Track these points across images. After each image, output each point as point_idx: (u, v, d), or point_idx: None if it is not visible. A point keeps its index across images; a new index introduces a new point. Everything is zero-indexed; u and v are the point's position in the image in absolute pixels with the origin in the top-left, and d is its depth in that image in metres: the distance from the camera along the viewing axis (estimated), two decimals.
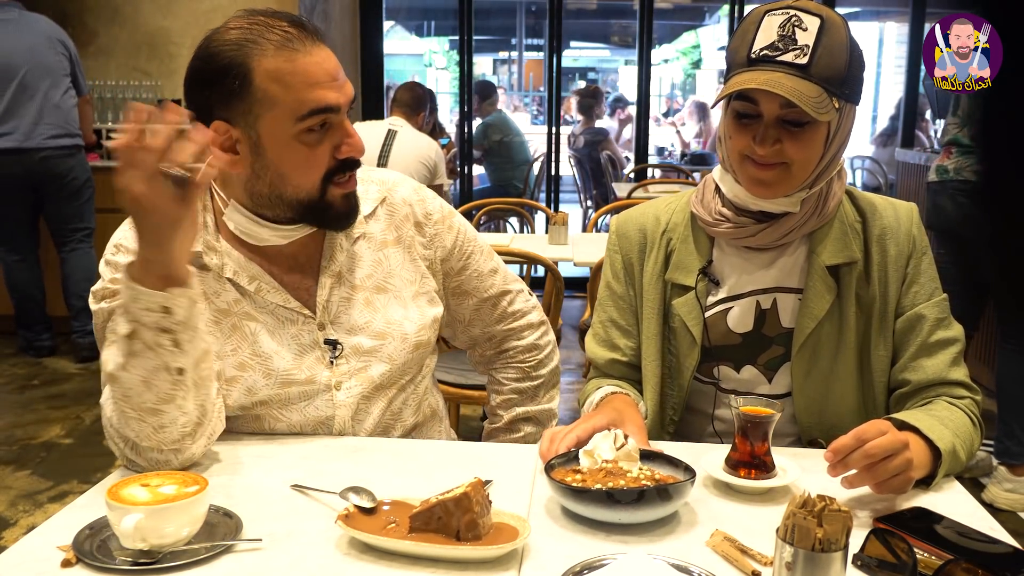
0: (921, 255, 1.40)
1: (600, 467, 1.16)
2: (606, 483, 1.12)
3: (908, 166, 5.09)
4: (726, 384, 1.45)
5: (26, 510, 2.96)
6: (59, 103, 4.37)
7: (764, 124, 1.30)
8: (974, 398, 1.36)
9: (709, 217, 1.42)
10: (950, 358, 1.37)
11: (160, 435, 1.19)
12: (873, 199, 1.45)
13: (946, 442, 1.21)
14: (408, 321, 1.43)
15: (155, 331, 1.14)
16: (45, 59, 4.32)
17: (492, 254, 1.59)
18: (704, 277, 1.43)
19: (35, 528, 1.10)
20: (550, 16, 6.28)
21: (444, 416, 1.60)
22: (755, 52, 1.29)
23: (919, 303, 1.38)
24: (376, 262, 1.43)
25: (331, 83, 1.27)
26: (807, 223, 1.38)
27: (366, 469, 1.27)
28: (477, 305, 1.56)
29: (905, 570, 0.94)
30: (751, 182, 1.35)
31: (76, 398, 4.06)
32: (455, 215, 1.54)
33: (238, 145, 1.27)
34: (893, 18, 10.81)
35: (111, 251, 1.34)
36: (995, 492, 3.03)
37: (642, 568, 0.96)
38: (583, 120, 7.71)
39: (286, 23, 1.26)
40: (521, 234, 4.97)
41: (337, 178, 1.31)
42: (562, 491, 1.12)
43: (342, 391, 1.38)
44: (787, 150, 1.30)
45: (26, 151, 4.29)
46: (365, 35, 6.19)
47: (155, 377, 1.16)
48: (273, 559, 1.01)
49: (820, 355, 1.39)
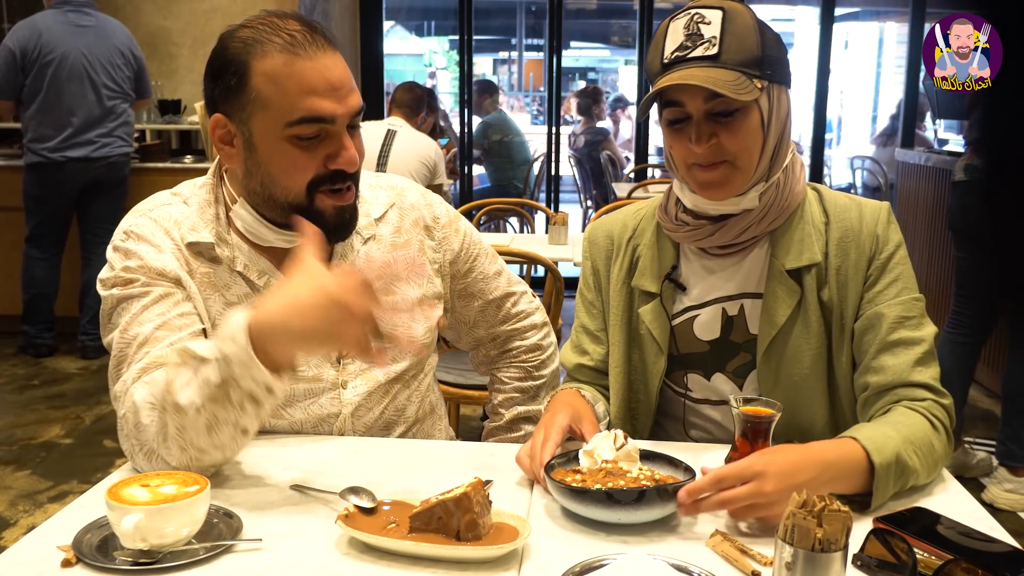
0: (888, 256, 1.34)
1: (600, 467, 1.16)
2: (606, 483, 1.12)
3: (908, 166, 5.09)
4: (698, 393, 1.43)
5: (26, 510, 2.97)
6: (124, 114, 4.50)
7: (695, 123, 1.29)
8: (939, 400, 1.27)
9: (671, 223, 1.41)
10: (913, 358, 1.29)
11: (196, 464, 1.17)
12: (840, 199, 1.40)
13: (886, 454, 1.14)
14: (414, 323, 1.45)
15: (247, 396, 1.11)
16: (118, 69, 4.42)
17: (496, 256, 1.60)
18: (670, 283, 1.42)
19: (35, 528, 1.10)
20: (550, 16, 6.28)
21: (444, 414, 1.61)
22: (667, 58, 1.29)
23: (880, 303, 1.32)
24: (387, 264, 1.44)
25: (330, 92, 1.25)
26: (765, 218, 1.35)
27: (366, 469, 1.27)
28: (482, 307, 1.58)
29: (905, 570, 0.94)
30: (702, 188, 1.33)
31: (76, 398, 4.06)
32: (461, 219, 1.56)
33: (234, 139, 1.29)
34: (893, 18, 10.80)
35: (120, 237, 1.34)
36: (995, 492, 3.03)
37: (642, 568, 0.96)
38: (583, 120, 7.71)
39: (297, 26, 1.26)
40: (521, 234, 4.97)
41: (326, 187, 1.29)
42: (562, 491, 1.11)
43: (348, 389, 1.39)
44: (724, 144, 1.29)
45: (95, 160, 4.39)
46: (365, 35, 6.19)
47: (220, 428, 1.13)
48: (273, 559, 1.01)
49: (786, 361, 1.35)
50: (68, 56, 4.28)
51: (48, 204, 4.43)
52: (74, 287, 4.64)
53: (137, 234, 1.33)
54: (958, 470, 3.17)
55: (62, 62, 4.27)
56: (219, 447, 1.16)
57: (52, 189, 4.39)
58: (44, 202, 4.42)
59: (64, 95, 4.29)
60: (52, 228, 4.51)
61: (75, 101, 4.31)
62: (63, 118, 4.30)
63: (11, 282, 4.66)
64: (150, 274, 1.29)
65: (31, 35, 4.26)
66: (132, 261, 1.30)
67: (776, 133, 1.33)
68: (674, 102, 1.30)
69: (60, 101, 4.29)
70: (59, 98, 4.29)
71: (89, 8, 4.39)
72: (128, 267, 1.29)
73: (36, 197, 4.42)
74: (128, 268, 1.29)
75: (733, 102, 1.26)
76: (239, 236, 1.36)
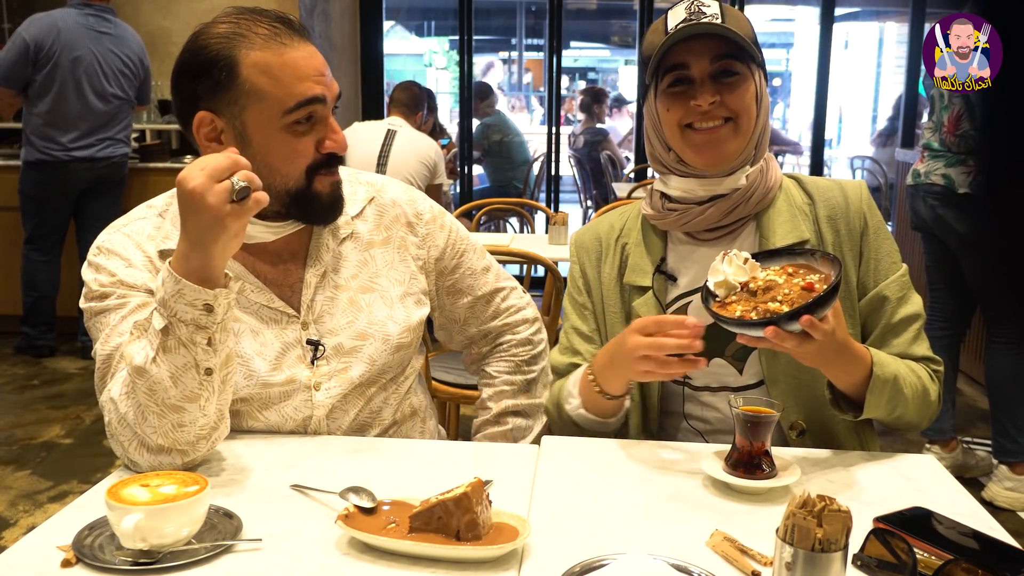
0: (874, 232, 1.41)
1: (741, 292, 1.20)
2: (767, 304, 1.16)
3: (908, 166, 5.07)
4: (697, 380, 1.45)
5: (26, 510, 2.97)
6: (127, 118, 4.52)
7: (699, 82, 1.35)
8: (933, 366, 1.40)
9: (658, 213, 1.45)
10: (912, 335, 1.40)
11: (177, 433, 1.19)
12: (819, 181, 1.47)
13: (887, 372, 1.28)
14: (392, 322, 1.43)
15: (192, 328, 1.15)
16: (128, 79, 4.45)
17: (484, 252, 1.59)
18: (660, 275, 1.45)
19: (35, 528, 1.10)
20: (550, 16, 6.28)
21: (428, 416, 1.59)
22: (671, 28, 1.35)
23: (880, 281, 1.40)
24: (362, 262, 1.44)
25: (318, 77, 1.30)
26: (752, 198, 1.39)
27: (366, 469, 1.27)
28: (471, 303, 1.57)
29: (905, 570, 0.94)
30: (699, 149, 1.37)
31: (76, 398, 4.06)
32: (446, 214, 1.56)
33: (222, 135, 1.30)
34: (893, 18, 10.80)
35: (93, 252, 1.36)
36: (995, 490, 3.03)
37: (642, 568, 0.96)
38: (584, 120, 7.71)
39: (273, 19, 1.30)
40: (521, 234, 4.97)
41: (321, 171, 1.33)
42: (744, 326, 1.15)
43: (321, 391, 1.39)
44: (728, 102, 1.35)
45: (99, 159, 4.40)
46: (365, 35, 6.19)
47: (184, 374, 1.16)
48: (273, 559, 1.01)
49: None
50: (84, 59, 4.27)
51: (48, 204, 4.42)
52: (74, 287, 4.64)
53: (108, 249, 1.35)
54: (958, 470, 3.16)
55: (77, 64, 4.26)
56: (191, 398, 1.17)
57: (53, 188, 4.38)
58: (43, 202, 4.41)
59: (76, 97, 4.28)
60: (53, 228, 4.51)
61: (85, 104, 4.31)
62: (72, 120, 4.30)
63: (11, 282, 4.66)
64: (123, 287, 1.31)
65: (49, 31, 4.23)
66: (103, 276, 1.32)
67: (764, 113, 1.40)
68: (678, 66, 1.36)
69: (71, 102, 4.28)
70: (71, 99, 4.28)
71: (109, 14, 4.39)
72: (100, 281, 1.32)
73: (34, 197, 4.41)
74: (101, 283, 1.32)
75: (737, 64, 1.35)
76: None
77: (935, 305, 3.24)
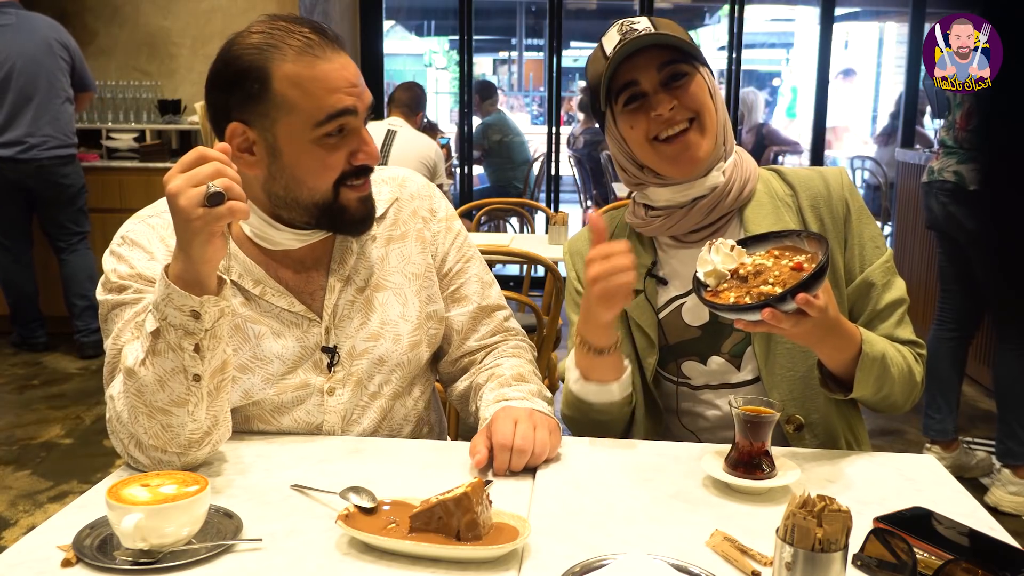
0: (856, 217, 1.43)
1: (731, 279, 1.20)
2: (759, 288, 1.16)
3: (908, 166, 5.08)
4: (697, 380, 1.45)
5: (26, 510, 2.97)
6: (57, 112, 4.34)
7: (652, 93, 1.37)
8: (917, 350, 1.42)
9: (641, 220, 1.46)
10: (897, 319, 1.42)
11: (167, 434, 1.19)
12: (799, 171, 1.48)
13: (875, 351, 1.30)
14: (404, 321, 1.42)
15: (180, 333, 1.14)
16: (44, 65, 4.29)
17: (488, 270, 1.57)
18: (651, 278, 1.46)
19: (35, 528, 1.10)
20: (550, 16, 6.28)
21: (441, 434, 1.58)
22: (610, 53, 1.37)
23: (866, 266, 1.42)
24: (381, 259, 1.44)
25: (350, 89, 1.27)
26: (732, 192, 1.41)
27: (366, 469, 1.27)
28: (475, 312, 1.51)
29: (905, 570, 0.94)
30: (673, 160, 1.38)
31: (76, 398, 4.06)
32: (457, 219, 1.55)
33: (255, 147, 1.28)
34: (893, 18, 10.80)
35: (116, 242, 1.35)
36: (999, 495, 2.98)
37: (642, 568, 0.96)
38: (583, 119, 7.71)
39: (307, 29, 1.27)
40: (521, 234, 4.97)
41: (351, 182, 1.31)
42: (745, 310, 1.15)
43: (334, 397, 1.39)
44: (685, 103, 1.37)
45: (23, 161, 4.28)
46: (365, 35, 6.19)
47: (171, 379, 1.16)
48: (273, 559, 1.01)
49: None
50: None
51: None
52: (55, 287, 4.62)
53: (132, 240, 1.34)
54: (958, 470, 3.15)
55: None
56: (178, 403, 1.17)
57: None
58: None
59: None
60: (7, 229, 4.43)
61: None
62: None
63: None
64: (141, 281, 1.30)
65: None
66: (123, 267, 1.31)
67: (721, 107, 1.41)
68: (628, 84, 1.37)
69: None
70: None
71: (10, 7, 4.26)
72: (119, 272, 1.31)
73: None
74: (120, 274, 1.31)
75: (683, 66, 1.37)
76: (236, 244, 1.36)
77: (946, 306, 3.22)
